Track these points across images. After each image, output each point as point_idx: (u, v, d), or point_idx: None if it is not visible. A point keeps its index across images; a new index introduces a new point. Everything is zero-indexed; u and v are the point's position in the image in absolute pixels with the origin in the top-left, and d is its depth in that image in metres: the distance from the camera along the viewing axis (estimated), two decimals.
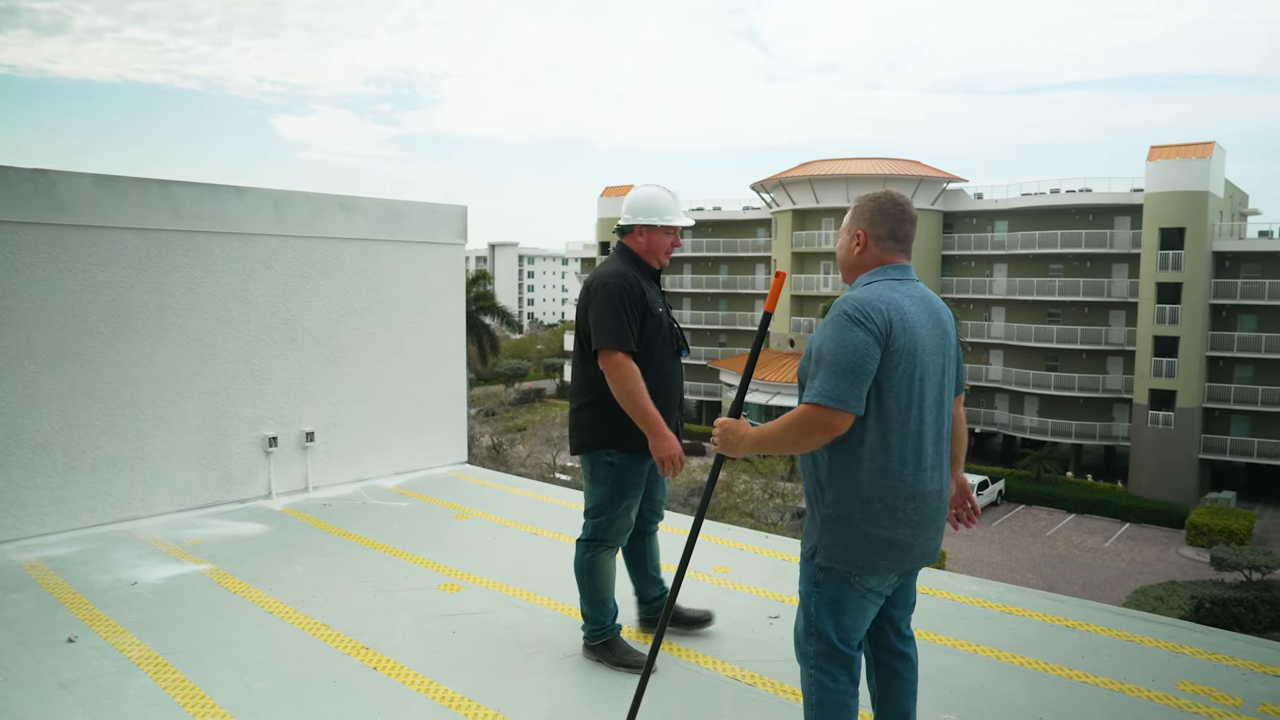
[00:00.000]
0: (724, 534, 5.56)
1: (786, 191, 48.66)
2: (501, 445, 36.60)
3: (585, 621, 3.72)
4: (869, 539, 2.47)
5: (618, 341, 3.42)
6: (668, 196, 3.61)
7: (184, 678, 3.51)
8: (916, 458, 2.49)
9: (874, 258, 2.64)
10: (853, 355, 2.39)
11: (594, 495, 3.64)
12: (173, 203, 5.74)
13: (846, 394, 2.39)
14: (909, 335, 2.45)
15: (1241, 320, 40.01)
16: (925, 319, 2.52)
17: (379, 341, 6.86)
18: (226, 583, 4.62)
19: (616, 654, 3.66)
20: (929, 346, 2.51)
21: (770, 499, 27.72)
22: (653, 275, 3.67)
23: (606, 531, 3.62)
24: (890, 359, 2.43)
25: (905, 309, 2.48)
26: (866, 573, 2.50)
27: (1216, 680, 3.55)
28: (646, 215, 3.57)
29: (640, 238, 3.60)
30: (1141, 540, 34.83)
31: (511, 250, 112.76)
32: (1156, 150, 39.46)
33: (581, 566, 3.65)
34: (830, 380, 2.40)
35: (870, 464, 2.46)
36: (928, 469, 2.51)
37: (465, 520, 5.90)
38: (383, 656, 3.74)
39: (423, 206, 7.13)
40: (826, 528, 2.52)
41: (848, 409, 2.39)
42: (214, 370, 5.98)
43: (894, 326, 2.43)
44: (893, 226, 2.63)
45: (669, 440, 3.45)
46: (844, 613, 2.54)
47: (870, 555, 2.48)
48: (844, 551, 2.49)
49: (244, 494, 6.18)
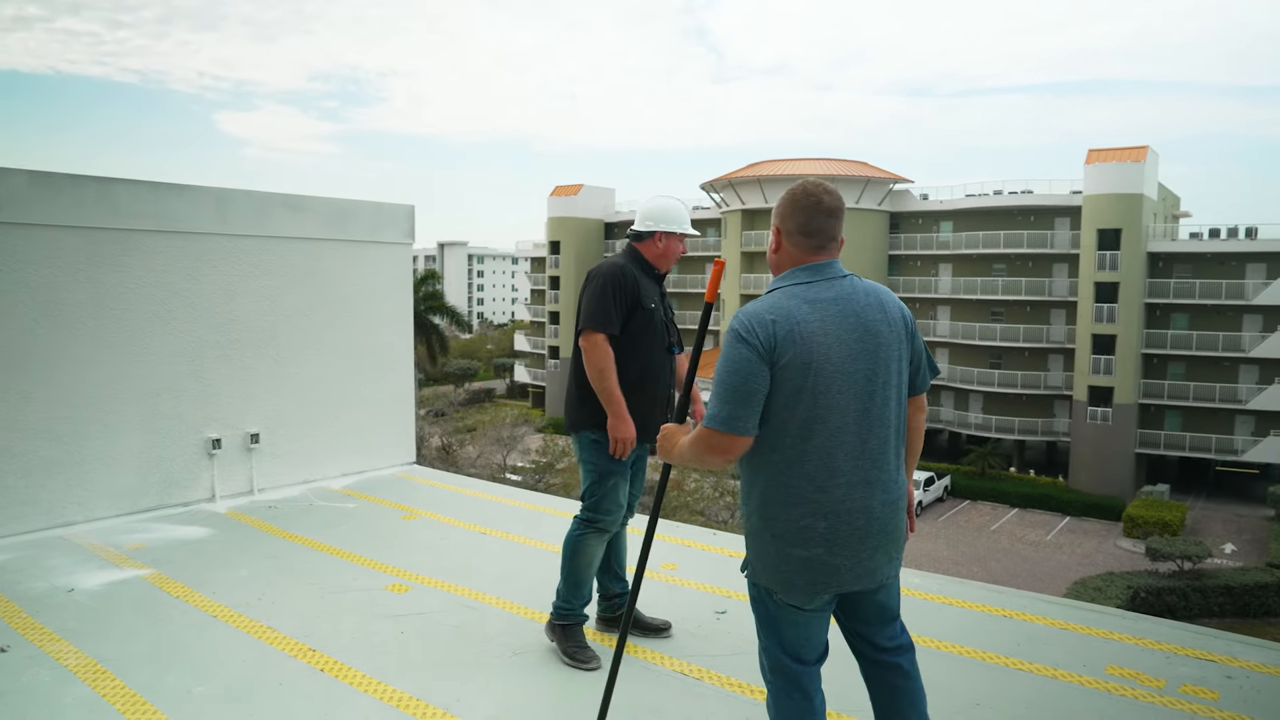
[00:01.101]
0: (672, 531, 5.61)
1: (736, 192, 49.03)
2: (451, 446, 36.29)
3: (557, 598, 3.81)
4: (783, 557, 2.37)
5: (598, 323, 3.59)
6: (681, 207, 3.85)
7: (124, 685, 3.46)
8: (827, 473, 2.33)
9: (789, 257, 2.46)
10: (736, 375, 2.30)
11: (584, 476, 3.80)
12: (110, 200, 5.62)
13: (732, 415, 2.29)
14: (802, 346, 2.28)
15: (1174, 319, 41.37)
16: (835, 324, 2.33)
17: (325, 342, 6.79)
18: (168, 587, 4.54)
19: (570, 643, 3.73)
20: (839, 354, 2.31)
21: (721, 497, 27.92)
22: (655, 276, 3.84)
23: (597, 510, 3.74)
24: (781, 373, 2.29)
25: (800, 318, 2.31)
26: (786, 591, 2.40)
27: (1143, 664, 3.69)
28: (667, 223, 3.77)
29: (658, 243, 3.79)
30: (1081, 533, 35.81)
31: (461, 249, 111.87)
32: (1094, 154, 40.59)
33: (568, 543, 3.78)
34: (717, 402, 2.32)
35: (775, 481, 2.36)
36: (843, 485, 2.33)
37: (413, 521, 5.87)
38: (329, 658, 3.72)
39: (369, 206, 7.07)
40: (749, 545, 2.48)
41: (736, 431, 2.30)
42: (155, 371, 5.87)
43: (779, 339, 2.28)
44: (803, 220, 2.43)
45: (626, 423, 3.60)
46: (781, 630, 2.46)
47: (787, 574, 2.38)
48: (764, 569, 2.43)
49: (187, 497, 6.07)
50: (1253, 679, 3.56)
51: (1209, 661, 3.72)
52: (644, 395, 3.72)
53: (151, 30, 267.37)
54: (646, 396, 3.73)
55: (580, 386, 3.75)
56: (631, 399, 3.67)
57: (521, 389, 67.13)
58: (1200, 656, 3.77)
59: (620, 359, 3.66)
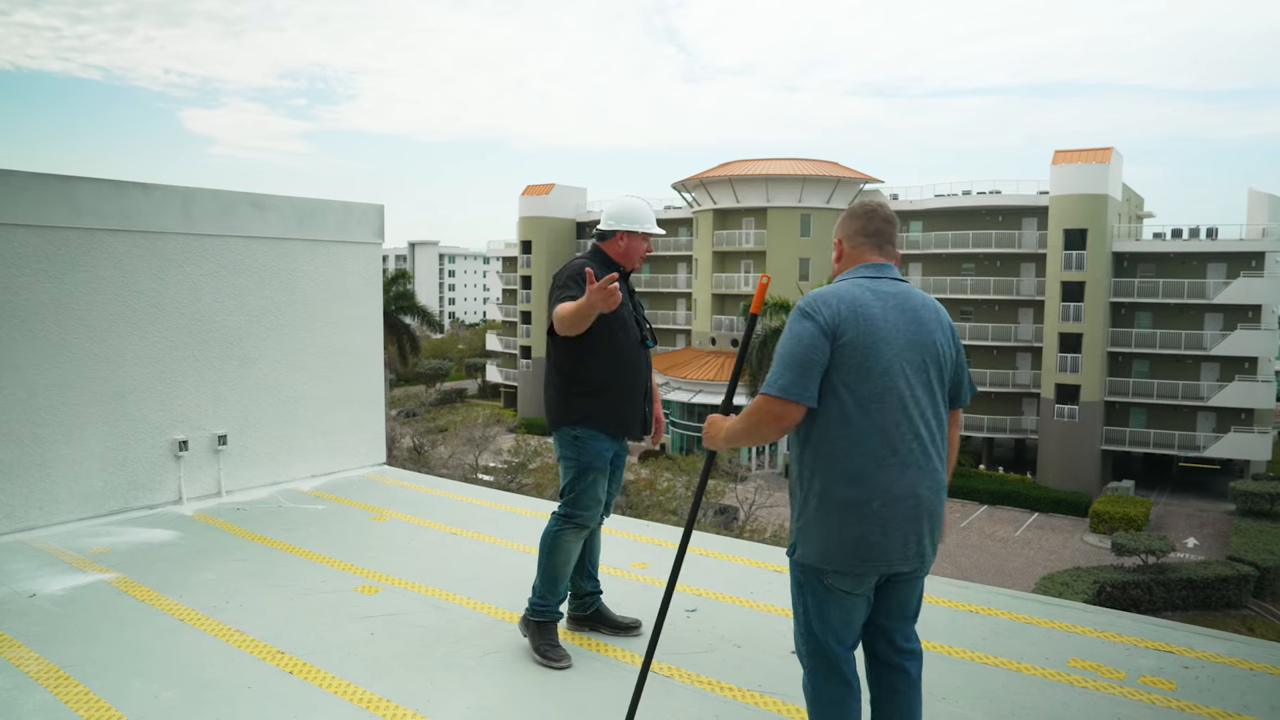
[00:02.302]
0: (643, 530, 5.63)
1: (707, 191, 49.15)
2: (423, 446, 36.07)
3: (533, 594, 3.82)
4: (837, 536, 2.44)
5: (556, 301, 3.60)
6: (646, 206, 3.86)
7: (88, 691, 3.41)
8: (886, 452, 2.42)
9: (851, 259, 2.66)
10: (798, 345, 2.42)
11: (564, 472, 3.79)
12: (73, 199, 5.54)
13: (792, 384, 2.41)
14: (864, 328, 2.43)
15: (1139, 317, 42.06)
16: (895, 314, 2.48)
17: (294, 342, 6.74)
18: (134, 591, 4.49)
19: (543, 641, 3.73)
20: (896, 343, 2.46)
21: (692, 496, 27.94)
22: (622, 274, 3.83)
23: (576, 505, 3.75)
24: (842, 352, 2.42)
25: (864, 302, 2.47)
26: (838, 571, 2.46)
27: (1104, 656, 3.77)
28: (630, 222, 3.79)
29: (620, 242, 3.81)
30: (1049, 529, 36.30)
31: (432, 249, 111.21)
32: (1060, 155, 41.15)
33: (545, 538, 3.78)
34: (778, 370, 2.43)
35: (835, 460, 2.44)
36: (898, 466, 2.43)
37: (384, 522, 5.84)
38: (298, 660, 3.70)
39: (338, 205, 7.02)
40: (801, 524, 2.53)
41: (793, 399, 2.41)
42: (120, 373, 5.79)
43: (842, 318, 2.43)
44: (863, 224, 2.65)
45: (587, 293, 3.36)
46: (827, 612, 2.51)
47: (839, 553, 2.44)
48: (817, 549, 2.48)
49: (153, 500, 6.00)
50: (1209, 669, 3.64)
51: (1168, 653, 3.80)
52: (621, 389, 3.74)
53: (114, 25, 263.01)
54: (624, 390, 3.75)
55: (560, 383, 3.76)
56: (609, 394, 3.69)
57: (493, 389, 66.88)
58: (1159, 648, 3.85)
59: (595, 357, 3.68)
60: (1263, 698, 3.41)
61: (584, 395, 3.70)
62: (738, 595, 4.47)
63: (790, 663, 3.69)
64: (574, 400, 3.70)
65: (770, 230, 47.13)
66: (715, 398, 44.36)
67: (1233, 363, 40.14)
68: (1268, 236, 39.91)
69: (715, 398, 44.36)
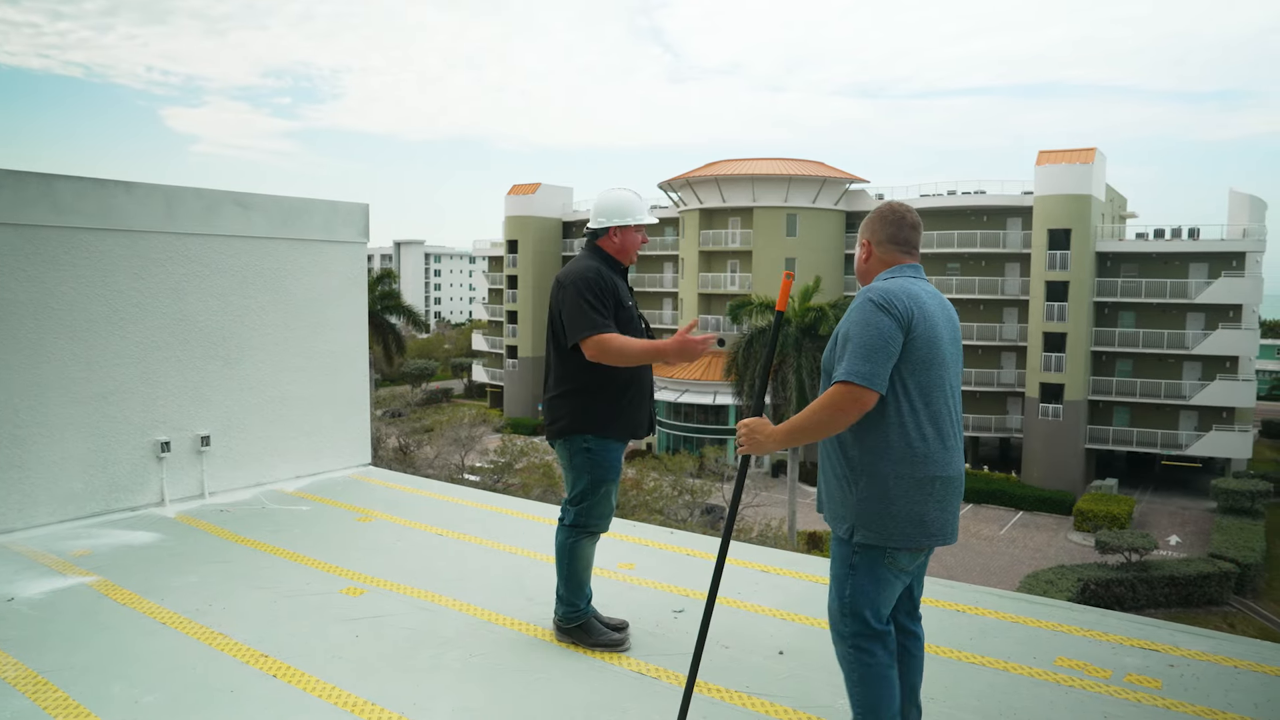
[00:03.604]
0: (629, 530, 5.61)
1: (694, 191, 49.16)
2: (409, 446, 35.92)
3: (560, 604, 3.81)
4: (902, 516, 2.65)
5: (596, 327, 3.52)
6: (636, 198, 3.78)
7: (67, 696, 3.36)
8: (941, 439, 2.68)
9: (880, 262, 2.85)
10: (878, 338, 2.59)
11: (574, 482, 3.73)
12: (53, 198, 5.47)
13: (873, 373, 2.58)
14: (928, 324, 2.66)
15: (1122, 317, 42.36)
16: (940, 314, 2.73)
17: (278, 342, 6.68)
18: (115, 594, 4.44)
19: (593, 635, 3.77)
20: (945, 339, 2.71)
21: (679, 495, 27.98)
22: (621, 272, 3.80)
23: (588, 516, 3.72)
24: (912, 344, 2.63)
25: (924, 301, 2.69)
26: (902, 547, 2.67)
27: (1091, 655, 3.78)
28: (622, 217, 3.72)
29: (615, 238, 3.75)
30: (1034, 527, 36.51)
31: (417, 248, 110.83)
32: (1045, 155, 41.40)
33: (563, 551, 3.74)
34: (858, 360, 2.59)
35: (901, 444, 2.64)
36: (950, 450, 2.70)
37: (369, 523, 5.80)
38: (282, 663, 3.66)
39: (323, 204, 6.97)
40: (864, 508, 2.68)
41: (874, 386, 2.58)
42: (101, 373, 5.72)
43: (914, 315, 2.64)
44: (892, 231, 2.83)
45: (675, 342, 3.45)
46: (879, 591, 2.72)
47: (905, 531, 2.65)
48: (881, 529, 2.66)
49: (135, 502, 5.93)
50: (1194, 667, 3.66)
51: (1153, 651, 3.82)
52: (634, 394, 3.69)
53: (95, 22, 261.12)
54: (634, 393, 3.70)
55: (571, 391, 3.66)
56: (622, 400, 3.65)
57: (479, 389, 66.70)
58: (1145, 647, 3.87)
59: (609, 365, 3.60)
60: (1246, 695, 3.43)
61: (599, 403, 3.62)
62: (726, 596, 4.45)
63: (778, 663, 3.68)
64: (588, 409, 3.62)
65: (756, 230, 47.19)
66: (702, 397, 44.38)
67: (1214, 362, 40.48)
68: (1248, 237, 40.27)
69: (702, 397, 44.38)
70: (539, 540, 5.24)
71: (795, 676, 3.58)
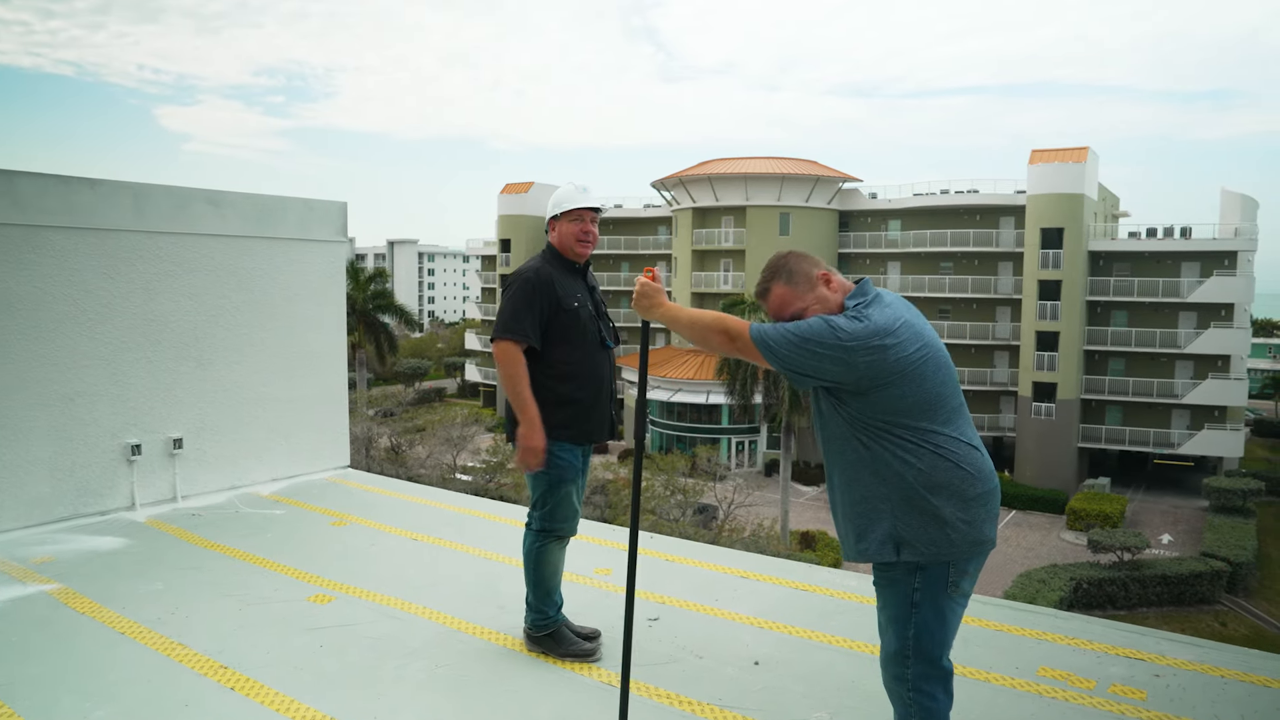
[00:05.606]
0: (607, 535, 5.50)
1: (687, 189, 49.06)
2: (401, 446, 35.74)
3: (530, 611, 3.74)
4: (963, 529, 2.46)
5: (503, 329, 3.54)
6: (572, 189, 3.71)
7: (12, 712, 3.24)
8: (976, 447, 2.54)
9: (841, 285, 2.66)
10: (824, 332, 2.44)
11: (534, 484, 3.68)
12: (14, 194, 5.34)
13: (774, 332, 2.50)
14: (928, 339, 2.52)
15: (1114, 315, 42.37)
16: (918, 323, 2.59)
17: (253, 343, 6.55)
18: (75, 603, 4.31)
19: (563, 645, 3.69)
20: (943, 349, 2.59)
21: (671, 495, 27.87)
22: (576, 270, 3.73)
23: (552, 520, 3.67)
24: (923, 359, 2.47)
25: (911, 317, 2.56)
26: (959, 566, 2.48)
27: (1074, 664, 3.67)
28: (555, 208, 3.70)
29: (553, 232, 3.72)
30: (1027, 526, 36.49)
31: (411, 247, 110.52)
32: (1037, 154, 41.35)
33: (529, 555, 3.69)
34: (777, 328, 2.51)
35: (944, 456, 2.45)
36: (986, 460, 2.56)
37: (343, 527, 5.68)
38: (241, 675, 3.54)
39: (298, 202, 6.84)
40: (910, 530, 2.45)
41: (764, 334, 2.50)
42: (68, 375, 5.59)
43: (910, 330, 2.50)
44: (816, 260, 2.68)
45: (536, 432, 3.51)
46: (946, 624, 2.52)
47: (963, 546, 2.47)
48: (938, 547, 2.45)
49: (104, 506, 5.80)
50: (1180, 677, 3.56)
51: (1139, 660, 3.72)
52: (585, 394, 3.64)
53: (86, 21, 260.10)
54: (588, 395, 3.65)
55: None
56: (573, 406, 3.60)
57: (473, 388, 66.50)
58: (1130, 655, 3.77)
59: (555, 362, 3.58)
60: (1233, 707, 3.33)
61: (548, 407, 3.56)
62: (701, 603, 4.35)
63: (753, 674, 3.57)
64: (542, 412, 3.55)
65: (749, 229, 47.12)
66: (695, 396, 44.29)
67: (1206, 360, 40.50)
68: (1240, 236, 40.31)
69: (695, 396, 44.29)
70: (516, 545, 5.11)
71: (770, 688, 3.47)
